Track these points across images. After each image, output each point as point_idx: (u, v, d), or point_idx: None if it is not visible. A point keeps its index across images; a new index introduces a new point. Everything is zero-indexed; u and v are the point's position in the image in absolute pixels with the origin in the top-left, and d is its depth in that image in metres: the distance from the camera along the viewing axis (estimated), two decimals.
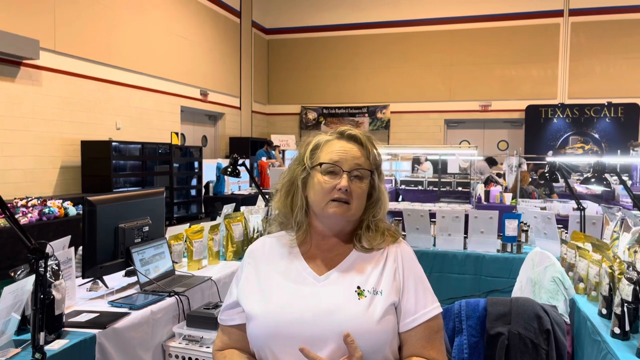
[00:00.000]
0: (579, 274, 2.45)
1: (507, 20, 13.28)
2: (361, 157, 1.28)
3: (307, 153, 1.31)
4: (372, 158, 1.30)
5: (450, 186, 9.22)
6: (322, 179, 1.25)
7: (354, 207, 1.25)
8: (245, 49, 13.90)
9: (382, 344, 1.20)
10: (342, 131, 1.32)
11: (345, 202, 1.24)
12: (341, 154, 1.26)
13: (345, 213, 1.24)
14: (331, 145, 1.29)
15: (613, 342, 1.77)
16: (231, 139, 13.27)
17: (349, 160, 1.26)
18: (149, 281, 2.35)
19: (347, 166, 1.25)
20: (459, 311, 1.96)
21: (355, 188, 1.25)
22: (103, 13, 8.52)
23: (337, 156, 1.26)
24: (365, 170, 1.27)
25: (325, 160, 1.26)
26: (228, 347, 1.33)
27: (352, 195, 1.24)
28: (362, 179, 1.27)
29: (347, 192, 1.23)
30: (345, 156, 1.26)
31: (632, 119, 12.47)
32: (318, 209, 1.27)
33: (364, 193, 1.27)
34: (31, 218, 4.83)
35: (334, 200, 1.24)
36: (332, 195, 1.24)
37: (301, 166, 1.30)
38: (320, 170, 1.26)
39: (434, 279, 1.36)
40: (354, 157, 1.27)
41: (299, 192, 1.29)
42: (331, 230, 1.30)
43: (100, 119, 8.49)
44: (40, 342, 1.44)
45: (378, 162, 1.32)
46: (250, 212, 3.56)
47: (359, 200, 1.26)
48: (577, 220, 3.48)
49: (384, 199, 1.31)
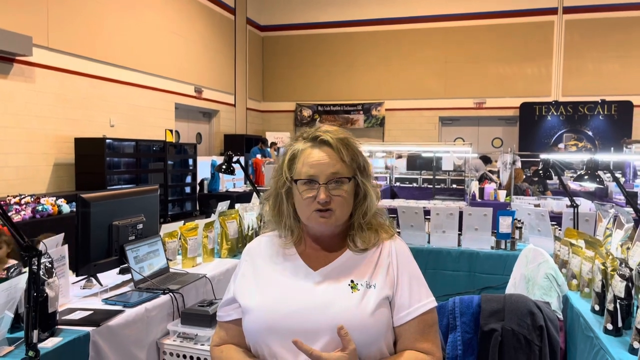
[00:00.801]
0: (572, 271, 2.46)
1: (502, 18, 13.31)
2: (337, 163, 1.26)
3: (285, 165, 1.30)
4: (348, 160, 1.27)
5: (444, 183, 9.24)
6: (302, 193, 1.25)
7: (338, 213, 1.26)
8: (239, 46, 13.86)
9: (376, 337, 1.21)
10: (315, 137, 1.29)
11: (328, 210, 1.24)
12: (316, 165, 1.25)
13: (329, 222, 1.25)
14: (307, 156, 1.27)
15: (606, 338, 1.78)
16: (226, 136, 13.24)
17: (324, 171, 1.24)
18: (143, 279, 2.35)
19: (324, 178, 1.24)
20: (452, 308, 1.97)
21: (337, 195, 1.25)
22: (96, 10, 8.47)
23: (312, 169, 1.25)
24: (343, 178, 1.26)
25: (302, 175, 1.26)
26: (225, 342, 1.34)
27: (334, 203, 1.24)
28: (342, 184, 1.26)
29: (327, 202, 1.24)
30: (321, 167, 1.25)
31: (625, 116, 12.53)
32: (305, 220, 1.28)
33: (346, 199, 1.26)
34: (24, 216, 4.81)
35: (317, 211, 1.24)
36: (314, 207, 1.24)
37: (282, 178, 1.30)
38: (297, 184, 1.26)
39: (428, 276, 1.36)
40: (329, 165, 1.25)
41: (284, 203, 1.30)
42: (322, 235, 1.31)
43: (94, 116, 8.44)
44: (33, 340, 1.44)
45: (358, 162, 1.30)
46: (245, 210, 3.55)
47: (342, 206, 1.26)
48: (571, 217, 3.50)
49: (370, 197, 1.30)
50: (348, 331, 1.15)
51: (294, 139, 1.34)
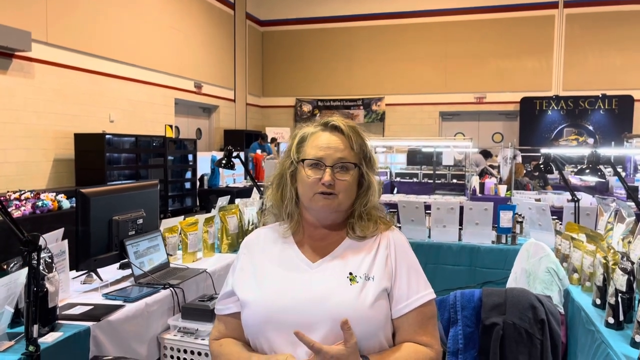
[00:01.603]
0: (573, 265, 2.46)
1: (502, 12, 13.26)
2: (345, 149, 1.28)
3: (294, 146, 1.32)
4: (356, 148, 1.29)
5: (445, 178, 9.22)
6: (307, 173, 1.27)
7: (341, 199, 1.26)
8: (239, 40, 13.82)
9: (375, 330, 1.22)
10: (326, 122, 1.32)
11: (331, 193, 1.25)
12: (324, 148, 1.27)
13: (331, 205, 1.26)
14: (316, 139, 1.30)
15: (607, 332, 1.78)
16: (226, 132, 13.22)
17: (331, 154, 1.26)
18: (143, 274, 2.34)
19: (330, 161, 1.26)
20: (454, 302, 1.97)
21: (341, 180, 1.26)
22: (95, 4, 8.43)
23: (321, 151, 1.27)
24: (349, 163, 1.27)
25: (309, 156, 1.28)
26: (224, 336, 1.34)
27: (338, 187, 1.25)
28: (348, 171, 1.27)
29: (332, 185, 1.24)
30: (328, 151, 1.27)
31: (626, 111, 12.50)
32: (306, 202, 1.29)
33: (350, 185, 1.28)
34: (24, 211, 4.80)
35: (320, 194, 1.25)
36: (318, 189, 1.25)
37: (289, 159, 1.32)
38: (304, 165, 1.28)
39: (429, 271, 1.36)
40: (337, 150, 1.27)
41: (288, 185, 1.31)
42: (322, 221, 1.31)
43: (94, 112, 8.42)
44: (33, 335, 1.43)
45: (365, 152, 1.32)
46: (245, 205, 3.55)
47: (345, 193, 1.27)
48: (572, 211, 3.50)
49: (374, 188, 1.31)
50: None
51: (305, 125, 1.36)
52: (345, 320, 1.14)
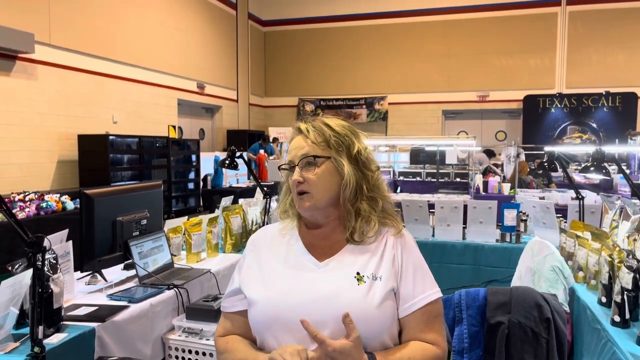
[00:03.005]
0: (578, 263, 2.45)
1: (505, 10, 13.23)
2: (305, 145, 1.30)
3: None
4: (320, 140, 1.29)
5: (448, 177, 9.21)
6: (287, 179, 1.34)
7: (315, 193, 1.27)
8: (241, 41, 13.83)
9: (381, 330, 1.22)
10: (297, 127, 1.36)
11: (305, 193, 1.27)
12: (292, 150, 1.33)
13: (308, 202, 1.27)
14: (290, 145, 1.36)
15: (613, 330, 1.77)
16: (229, 132, 13.23)
17: (296, 153, 1.30)
18: (147, 274, 2.35)
19: (296, 160, 1.30)
20: (459, 301, 1.96)
21: (308, 176, 1.27)
22: (98, 6, 8.45)
23: (290, 154, 1.33)
24: (309, 157, 1.28)
25: (284, 162, 1.35)
26: (230, 333, 1.34)
27: (309, 184, 1.27)
28: (313, 165, 1.28)
29: (301, 182, 1.27)
30: (294, 151, 1.31)
31: (630, 108, 12.45)
32: (296, 206, 1.32)
33: (320, 178, 1.27)
34: (29, 212, 4.81)
35: (297, 195, 1.29)
36: (295, 190, 1.29)
37: None
38: (283, 172, 1.35)
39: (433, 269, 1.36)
40: (300, 148, 1.30)
41: (289, 192, 1.36)
42: (312, 222, 1.33)
43: (97, 113, 8.45)
44: (39, 336, 1.43)
45: (333, 143, 1.29)
46: (249, 205, 3.55)
47: (318, 186, 1.27)
48: (576, 209, 3.48)
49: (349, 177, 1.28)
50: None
51: None
52: (347, 313, 1.14)
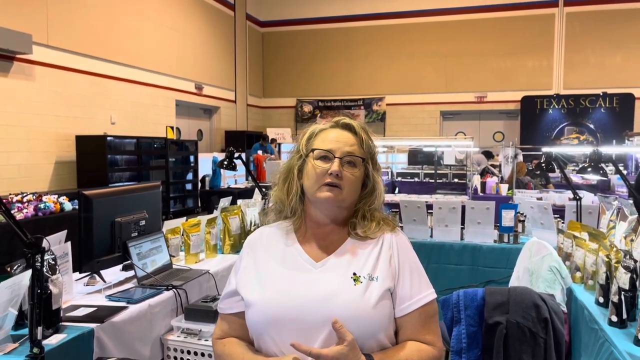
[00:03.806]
0: (575, 263, 2.45)
1: (502, 11, 13.26)
2: (354, 144, 1.31)
3: (303, 141, 1.35)
4: (365, 146, 1.32)
5: (446, 178, 9.22)
6: (315, 164, 1.28)
7: (346, 192, 1.27)
8: (239, 42, 13.83)
9: (377, 330, 1.22)
10: (337, 120, 1.35)
11: (336, 187, 1.26)
12: (334, 141, 1.30)
13: (336, 197, 1.26)
14: (326, 134, 1.33)
15: (610, 330, 1.78)
16: (227, 133, 13.22)
17: (341, 147, 1.29)
18: (146, 275, 2.35)
19: (340, 153, 1.28)
20: (457, 301, 1.97)
21: (347, 174, 1.27)
22: (96, 6, 8.44)
23: (331, 143, 1.30)
24: (357, 157, 1.29)
25: (319, 147, 1.30)
26: (227, 335, 1.34)
27: (344, 180, 1.27)
28: (355, 166, 1.29)
29: (339, 176, 1.26)
30: (338, 144, 1.29)
31: (627, 109, 12.48)
32: (311, 194, 1.29)
33: (356, 180, 1.29)
34: (27, 213, 4.81)
35: (326, 185, 1.26)
36: (324, 179, 1.26)
37: (298, 154, 1.34)
38: (313, 156, 1.30)
39: (431, 270, 1.37)
40: (346, 143, 1.30)
41: (294, 179, 1.33)
42: (325, 216, 1.32)
43: (95, 114, 8.44)
44: (37, 337, 1.43)
45: (372, 151, 1.35)
46: (247, 205, 3.55)
47: (350, 187, 1.28)
48: (574, 210, 3.49)
49: (380, 189, 1.33)
50: (350, 324, 1.16)
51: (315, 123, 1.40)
52: (335, 319, 1.14)
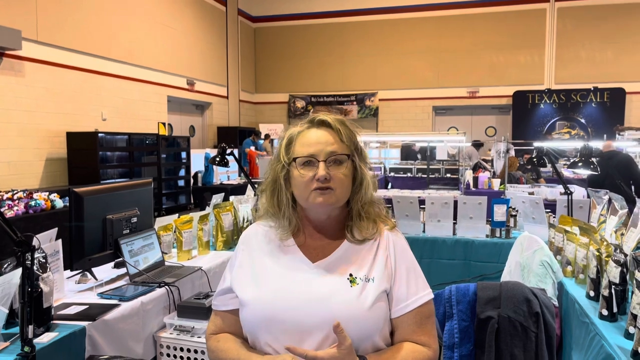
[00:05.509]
0: (566, 257, 2.47)
1: (494, 6, 13.28)
2: (335, 142, 1.25)
3: (283, 149, 1.29)
4: (347, 140, 1.27)
5: (438, 173, 9.25)
6: (301, 172, 1.24)
7: (338, 192, 1.24)
8: (231, 37, 13.76)
9: (373, 331, 1.22)
10: (312, 119, 1.30)
11: (328, 188, 1.22)
12: (314, 144, 1.24)
13: (330, 200, 1.23)
14: (304, 137, 1.27)
15: (601, 323, 1.79)
16: (219, 129, 13.18)
17: (323, 149, 1.24)
18: (138, 272, 2.34)
19: (323, 155, 1.23)
20: (449, 296, 1.97)
21: (336, 174, 1.23)
22: (86, 2, 8.36)
23: (311, 147, 1.24)
24: (341, 155, 1.25)
25: (300, 154, 1.24)
26: (221, 331, 1.34)
27: (334, 181, 1.23)
28: (341, 164, 1.25)
29: (327, 179, 1.22)
30: (319, 145, 1.24)
31: (618, 103, 12.57)
32: (303, 202, 1.26)
33: (346, 178, 1.25)
34: (17, 211, 4.77)
35: (316, 190, 1.22)
36: (313, 185, 1.22)
37: (280, 164, 1.28)
38: (296, 164, 1.25)
39: (423, 265, 1.36)
40: (327, 143, 1.24)
41: (283, 190, 1.28)
42: (321, 219, 1.29)
43: (86, 110, 8.37)
44: (29, 336, 1.43)
45: (356, 144, 1.29)
46: (240, 202, 3.54)
47: (342, 186, 1.24)
48: (565, 204, 3.51)
49: (367, 180, 1.29)
50: (345, 325, 1.14)
51: (291, 127, 1.33)
52: (337, 323, 1.13)
